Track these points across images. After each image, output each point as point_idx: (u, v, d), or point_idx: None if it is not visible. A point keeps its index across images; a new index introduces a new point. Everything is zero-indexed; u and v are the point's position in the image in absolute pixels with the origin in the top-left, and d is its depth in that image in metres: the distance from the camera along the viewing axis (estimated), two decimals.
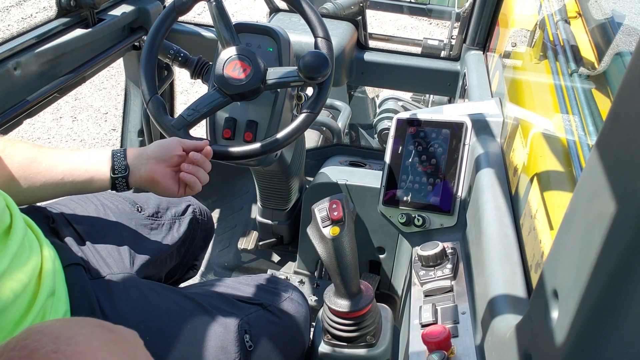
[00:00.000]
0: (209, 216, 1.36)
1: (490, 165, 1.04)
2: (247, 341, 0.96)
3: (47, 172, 0.97)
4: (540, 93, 1.12)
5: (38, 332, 0.43)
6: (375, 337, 0.96)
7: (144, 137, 1.94)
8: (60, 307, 0.84)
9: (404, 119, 1.18)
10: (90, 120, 3.52)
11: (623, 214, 0.38)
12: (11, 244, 0.77)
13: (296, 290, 1.13)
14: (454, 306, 0.90)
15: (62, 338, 0.43)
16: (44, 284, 0.80)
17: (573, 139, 0.89)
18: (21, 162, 0.95)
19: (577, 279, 0.43)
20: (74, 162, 0.99)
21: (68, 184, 0.98)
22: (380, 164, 1.83)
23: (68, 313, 0.85)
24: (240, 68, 1.21)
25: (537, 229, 0.80)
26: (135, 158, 1.02)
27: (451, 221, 1.11)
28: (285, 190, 1.75)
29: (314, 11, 1.22)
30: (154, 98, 1.20)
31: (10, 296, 0.72)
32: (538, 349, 0.53)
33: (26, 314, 0.75)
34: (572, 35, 1.22)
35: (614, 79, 1.02)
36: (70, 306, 0.86)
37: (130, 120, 1.96)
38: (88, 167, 0.99)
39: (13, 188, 0.94)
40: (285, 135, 1.18)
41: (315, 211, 0.91)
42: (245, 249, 1.99)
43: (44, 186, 0.97)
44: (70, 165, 0.98)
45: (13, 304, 0.73)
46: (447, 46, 2.43)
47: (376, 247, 1.71)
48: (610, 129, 0.41)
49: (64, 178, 0.98)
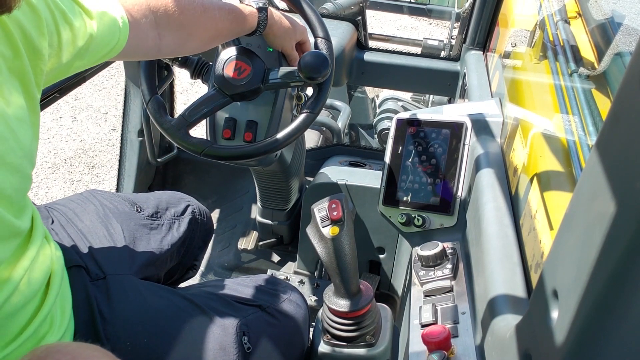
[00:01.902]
0: (208, 216, 1.36)
1: (490, 165, 1.04)
2: (245, 343, 0.96)
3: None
4: (540, 93, 1.12)
5: (57, 351, 0.43)
6: (374, 337, 0.96)
7: (144, 137, 1.94)
8: (67, 309, 0.84)
9: (403, 119, 1.18)
10: (90, 120, 3.52)
11: (623, 214, 0.38)
12: (31, 246, 0.76)
13: (295, 291, 1.13)
14: (454, 306, 0.90)
15: (79, 359, 0.44)
16: (52, 287, 0.80)
17: (573, 139, 0.89)
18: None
19: (577, 279, 0.43)
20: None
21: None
22: (380, 164, 1.83)
23: (72, 316, 0.85)
24: (240, 68, 1.21)
25: (537, 229, 0.80)
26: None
27: (451, 221, 1.11)
28: (285, 190, 1.75)
29: (313, 11, 1.22)
30: (154, 98, 1.20)
31: (21, 300, 0.72)
32: (538, 349, 0.53)
33: (34, 316, 0.75)
34: (572, 35, 1.22)
35: (614, 79, 1.02)
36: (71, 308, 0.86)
37: (130, 121, 1.96)
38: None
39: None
40: (285, 135, 1.18)
41: (315, 211, 0.91)
42: (245, 249, 1.99)
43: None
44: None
45: (23, 308, 0.73)
46: (447, 46, 2.43)
47: (376, 247, 1.71)
48: (610, 129, 0.41)
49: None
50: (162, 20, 0.99)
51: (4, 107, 0.66)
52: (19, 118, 0.69)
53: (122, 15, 0.89)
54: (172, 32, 1.02)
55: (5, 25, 0.67)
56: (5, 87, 0.67)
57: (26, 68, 0.70)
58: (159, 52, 1.04)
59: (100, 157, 3.19)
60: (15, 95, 0.69)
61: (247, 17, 1.12)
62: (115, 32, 0.88)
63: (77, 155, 3.18)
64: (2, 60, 0.67)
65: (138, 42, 0.95)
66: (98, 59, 0.88)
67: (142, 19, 0.95)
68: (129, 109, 1.94)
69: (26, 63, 0.70)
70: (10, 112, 0.67)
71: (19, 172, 0.68)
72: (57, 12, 0.76)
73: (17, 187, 0.68)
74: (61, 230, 1.00)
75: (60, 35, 0.76)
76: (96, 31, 0.83)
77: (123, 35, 0.90)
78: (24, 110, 0.70)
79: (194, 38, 1.07)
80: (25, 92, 0.71)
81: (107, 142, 3.32)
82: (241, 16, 1.11)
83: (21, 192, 0.71)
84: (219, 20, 1.08)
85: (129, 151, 2.00)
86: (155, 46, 1.01)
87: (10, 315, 0.70)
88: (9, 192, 0.66)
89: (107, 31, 0.86)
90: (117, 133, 3.34)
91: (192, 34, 1.06)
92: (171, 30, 1.02)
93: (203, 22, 1.05)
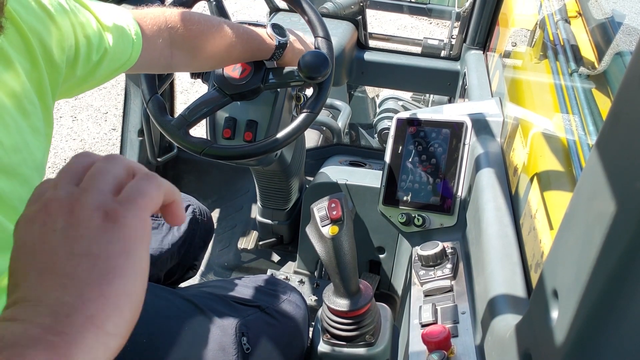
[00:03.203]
0: (208, 216, 1.36)
1: (490, 165, 1.04)
2: (244, 344, 0.96)
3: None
4: (540, 93, 1.12)
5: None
6: (374, 337, 0.96)
7: (144, 137, 1.94)
8: None
9: (403, 118, 1.18)
10: (90, 119, 3.52)
11: (623, 214, 0.38)
12: None
13: (295, 291, 1.13)
14: (454, 306, 0.90)
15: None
16: None
17: (573, 139, 0.89)
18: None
19: (577, 278, 0.43)
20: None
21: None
22: (380, 164, 1.83)
23: None
24: (240, 68, 1.21)
25: (537, 229, 0.80)
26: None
27: (451, 221, 1.11)
28: (285, 190, 1.75)
29: (314, 11, 1.22)
30: (154, 98, 1.20)
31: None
32: (538, 349, 0.53)
33: None
34: (572, 34, 1.22)
35: (614, 79, 1.02)
36: None
37: (130, 120, 1.96)
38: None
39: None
40: (285, 135, 1.18)
41: (314, 210, 0.91)
42: (245, 248, 1.99)
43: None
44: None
45: None
46: (447, 46, 2.43)
47: (376, 246, 1.71)
48: (610, 129, 0.41)
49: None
50: (178, 40, 1.01)
51: (20, 118, 0.66)
52: (34, 129, 0.69)
53: (136, 32, 0.89)
54: (185, 52, 1.03)
55: (26, 37, 0.67)
56: (24, 99, 0.67)
57: (44, 80, 0.70)
58: (168, 68, 1.06)
59: None
60: (32, 107, 0.69)
61: (264, 50, 1.14)
62: (128, 48, 0.89)
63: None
64: (23, 72, 0.67)
65: (150, 59, 0.96)
66: (109, 74, 0.89)
67: (158, 38, 0.96)
68: (129, 108, 1.94)
69: (44, 76, 0.70)
70: (26, 123, 0.67)
71: (27, 184, 0.68)
72: (78, 27, 0.76)
73: (24, 198, 0.68)
74: None
75: (78, 49, 0.77)
76: (110, 46, 0.84)
77: (135, 51, 0.90)
78: (40, 122, 0.70)
79: (205, 60, 1.09)
80: (42, 103, 0.71)
81: (107, 142, 3.32)
82: (258, 48, 1.13)
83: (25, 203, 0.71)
84: (234, 47, 1.09)
85: (129, 151, 2.00)
86: (166, 63, 1.02)
87: None
88: (15, 204, 0.66)
89: (121, 47, 0.87)
90: (117, 133, 3.33)
91: (204, 57, 1.07)
92: (185, 50, 1.03)
93: (218, 47, 1.06)
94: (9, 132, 0.64)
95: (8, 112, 0.65)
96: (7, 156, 0.64)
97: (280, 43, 1.15)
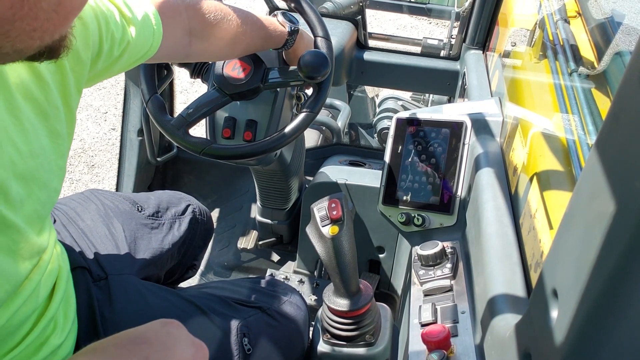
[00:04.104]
0: (208, 216, 1.36)
1: (490, 164, 1.04)
2: (245, 344, 0.96)
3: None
4: (539, 92, 1.12)
5: None
6: (374, 336, 0.96)
7: (144, 137, 1.94)
8: (70, 311, 0.84)
9: (403, 118, 1.18)
10: (90, 119, 3.52)
11: (623, 214, 0.38)
12: (45, 257, 0.75)
13: (295, 293, 1.13)
14: (454, 306, 0.90)
15: None
16: (58, 290, 0.79)
17: (573, 139, 0.89)
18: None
19: (577, 278, 0.43)
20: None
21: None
22: (380, 164, 1.83)
23: (75, 318, 0.85)
24: (240, 67, 1.21)
25: (536, 229, 0.80)
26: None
27: (451, 220, 1.11)
28: (284, 190, 1.75)
29: (313, 10, 1.22)
30: (154, 97, 1.20)
31: (30, 308, 0.71)
32: (538, 349, 0.53)
33: (39, 320, 0.74)
34: (571, 34, 1.22)
35: (614, 79, 1.02)
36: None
37: (129, 120, 1.96)
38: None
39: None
40: (285, 134, 1.18)
41: (314, 210, 0.91)
42: (245, 248, 1.99)
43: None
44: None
45: (32, 314, 0.73)
46: (446, 45, 2.43)
47: (376, 246, 1.71)
48: (610, 129, 0.41)
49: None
50: (197, 29, 1.01)
51: (39, 123, 0.66)
52: (54, 133, 0.68)
53: (156, 21, 0.89)
54: (203, 41, 1.04)
55: None
56: (45, 103, 0.67)
57: (68, 81, 0.70)
58: (186, 57, 1.06)
59: (99, 156, 3.19)
60: (54, 111, 0.68)
61: (277, 37, 1.15)
62: (149, 39, 0.89)
63: (76, 154, 3.18)
64: (48, 74, 0.67)
65: (169, 48, 0.96)
66: (129, 64, 0.89)
67: (177, 27, 0.96)
68: (129, 108, 1.94)
69: (69, 76, 0.70)
70: (46, 127, 0.67)
71: (46, 188, 0.67)
72: (102, 21, 0.76)
73: (44, 201, 0.68)
74: (63, 229, 1.00)
75: (102, 45, 0.77)
76: (133, 38, 0.83)
77: (156, 41, 0.90)
78: (62, 124, 0.70)
79: (222, 49, 1.09)
80: (65, 105, 0.71)
81: (106, 142, 3.32)
82: (272, 35, 1.14)
83: (47, 206, 0.70)
84: (249, 36, 1.09)
85: (128, 150, 2.00)
86: (185, 52, 1.03)
87: (20, 323, 0.70)
88: (36, 207, 0.66)
89: (142, 38, 0.87)
90: (116, 132, 3.33)
91: (221, 46, 1.07)
92: (203, 39, 1.03)
93: (235, 36, 1.07)
94: (27, 137, 0.64)
95: (27, 118, 0.64)
96: (24, 162, 0.63)
97: (293, 29, 1.16)
